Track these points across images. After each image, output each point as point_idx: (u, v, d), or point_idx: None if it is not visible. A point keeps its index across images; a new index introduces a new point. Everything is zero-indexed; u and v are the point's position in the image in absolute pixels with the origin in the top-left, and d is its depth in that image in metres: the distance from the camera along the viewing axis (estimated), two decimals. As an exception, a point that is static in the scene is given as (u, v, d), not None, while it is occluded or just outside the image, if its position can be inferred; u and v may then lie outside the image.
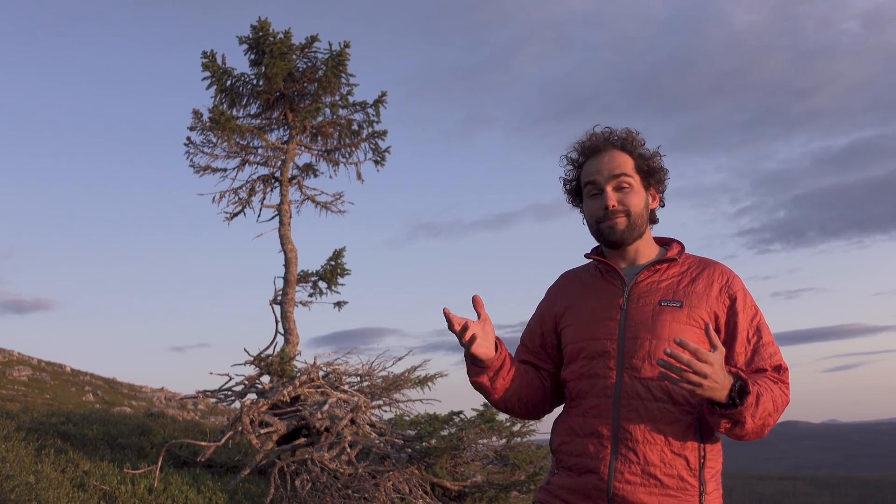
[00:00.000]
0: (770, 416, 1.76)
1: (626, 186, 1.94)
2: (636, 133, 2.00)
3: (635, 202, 1.94)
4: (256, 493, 6.51)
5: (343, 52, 8.80)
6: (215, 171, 9.04)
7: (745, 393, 1.70)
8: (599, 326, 1.91)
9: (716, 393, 1.66)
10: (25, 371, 16.20)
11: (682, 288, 1.91)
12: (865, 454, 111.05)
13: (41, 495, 5.17)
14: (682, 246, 2.03)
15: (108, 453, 7.23)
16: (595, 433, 1.85)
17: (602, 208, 1.94)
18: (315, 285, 9.25)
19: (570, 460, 1.90)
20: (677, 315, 1.86)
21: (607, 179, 1.94)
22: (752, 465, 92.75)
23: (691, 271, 1.95)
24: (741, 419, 1.71)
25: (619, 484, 1.79)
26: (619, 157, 1.96)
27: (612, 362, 1.86)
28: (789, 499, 45.21)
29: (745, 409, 1.69)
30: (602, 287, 1.98)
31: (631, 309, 1.90)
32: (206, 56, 8.73)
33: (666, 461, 1.79)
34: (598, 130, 2.01)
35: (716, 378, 1.63)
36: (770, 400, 1.76)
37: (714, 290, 1.90)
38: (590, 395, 1.88)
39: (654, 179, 1.99)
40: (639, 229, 1.96)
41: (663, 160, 2.02)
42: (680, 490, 1.79)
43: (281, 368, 7.61)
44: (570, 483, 1.88)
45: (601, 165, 1.96)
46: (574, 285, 2.07)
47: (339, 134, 9.33)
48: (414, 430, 7.53)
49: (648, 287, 1.92)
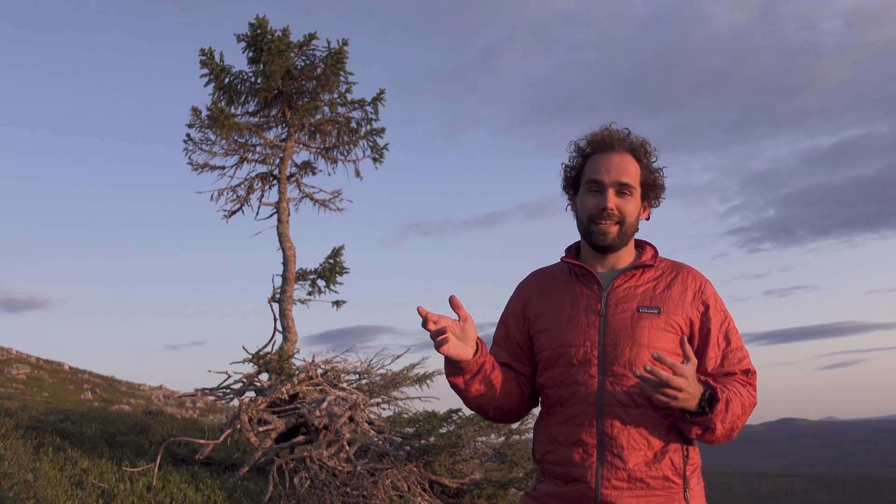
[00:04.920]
0: (738, 420, 1.81)
1: (627, 194, 1.92)
2: (650, 145, 1.97)
3: (631, 211, 1.93)
4: (255, 490, 6.51)
5: (342, 50, 8.79)
6: (214, 169, 9.03)
7: (714, 401, 1.74)
8: (578, 332, 1.89)
9: (688, 403, 1.71)
10: (24, 369, 16.19)
11: (659, 294, 1.91)
12: (863, 451, 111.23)
13: (40, 493, 5.17)
14: (655, 250, 2.02)
15: (106, 451, 7.23)
16: (579, 441, 1.84)
17: (599, 207, 1.90)
18: (314, 283, 9.25)
19: (556, 469, 1.89)
20: (655, 322, 1.87)
21: (612, 182, 1.91)
22: (750, 462, 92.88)
23: (665, 276, 1.95)
24: (711, 426, 1.77)
25: (607, 491, 1.80)
26: (629, 162, 1.93)
27: (593, 370, 1.85)
28: (787, 496, 45.27)
29: (714, 416, 1.75)
30: (578, 291, 1.95)
31: (610, 315, 1.88)
32: (205, 53, 8.72)
33: (651, 465, 1.81)
34: (615, 128, 1.96)
35: (689, 390, 1.69)
36: (738, 404, 1.80)
37: (688, 297, 1.92)
38: (571, 402, 1.87)
39: (653, 194, 1.99)
40: (627, 238, 1.95)
41: (664, 177, 2.00)
42: (665, 489, 1.82)
43: (279, 366, 7.61)
44: (556, 491, 1.88)
45: (610, 165, 1.91)
46: (548, 287, 2.02)
47: (337, 131, 9.32)
48: (412, 427, 7.53)
49: (626, 293, 1.91)
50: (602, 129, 1.97)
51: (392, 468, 6.55)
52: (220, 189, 9.02)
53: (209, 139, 8.85)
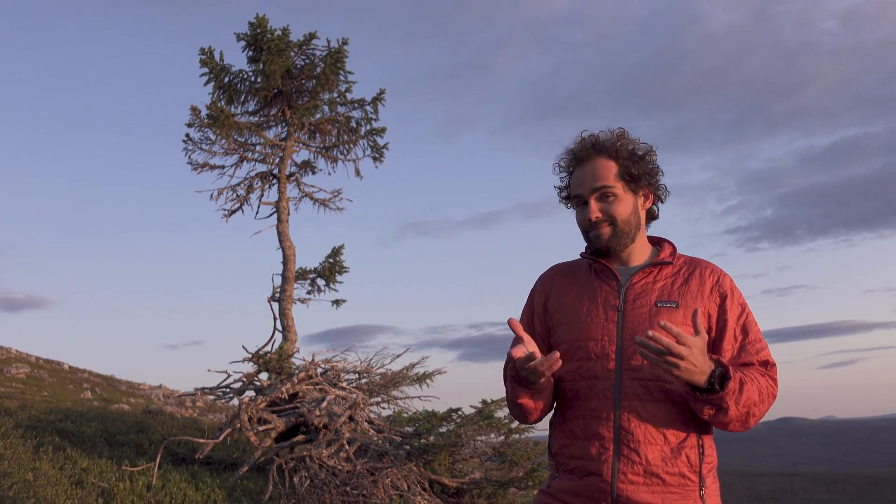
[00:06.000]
0: (755, 406, 1.81)
1: (609, 196, 1.94)
2: (624, 134, 1.97)
3: (620, 210, 1.94)
4: (255, 490, 6.51)
5: (341, 50, 8.79)
6: (213, 168, 9.04)
7: (726, 379, 1.75)
8: (596, 327, 1.91)
9: (694, 376, 1.71)
10: (23, 368, 16.19)
11: (677, 288, 1.93)
12: (863, 450, 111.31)
13: (39, 493, 5.18)
14: (673, 247, 2.04)
15: (106, 450, 7.23)
16: (596, 435, 1.85)
17: (587, 220, 1.96)
18: (313, 283, 9.26)
19: (572, 463, 1.90)
20: (674, 316, 1.88)
21: (590, 192, 1.95)
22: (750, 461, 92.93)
23: (683, 272, 1.97)
24: (724, 405, 1.76)
25: (623, 485, 1.81)
26: (601, 166, 1.95)
27: (611, 364, 1.86)
28: (787, 495, 45.32)
29: (726, 394, 1.74)
30: (597, 287, 1.98)
31: (628, 310, 1.91)
32: (205, 52, 8.71)
33: (667, 460, 1.82)
34: (584, 136, 1.99)
35: (693, 361, 1.68)
36: (756, 390, 1.80)
37: (706, 290, 1.94)
38: (589, 396, 1.88)
39: (642, 182, 1.98)
40: (627, 235, 1.96)
41: (656, 158, 2.01)
42: (681, 487, 1.82)
43: (279, 365, 7.61)
44: (572, 486, 1.89)
45: (584, 177, 1.96)
46: (568, 281, 2.05)
47: (337, 131, 9.33)
48: (412, 426, 7.54)
49: (644, 288, 1.94)
50: (574, 141, 2.01)
51: (392, 467, 6.55)
52: (219, 188, 9.03)
53: (209, 138, 8.85)
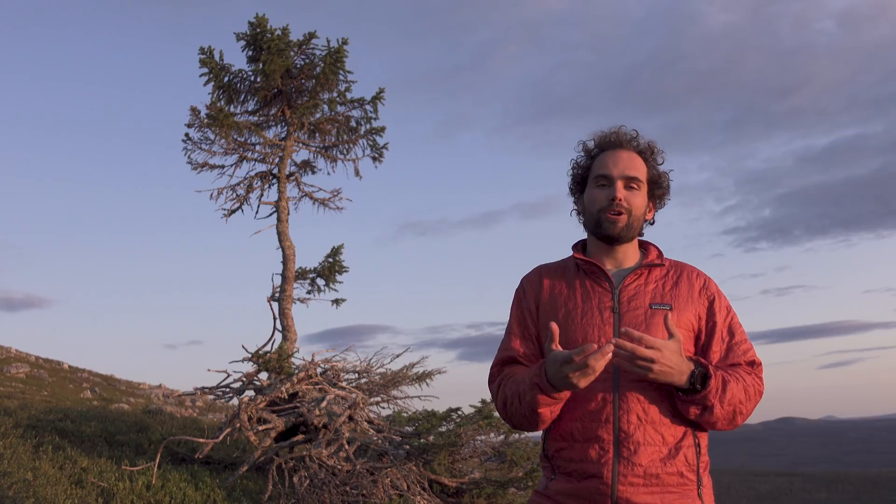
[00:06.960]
0: (742, 404, 1.84)
1: (634, 188, 1.97)
2: (658, 147, 2.04)
3: (638, 204, 1.97)
4: (254, 489, 6.51)
5: (341, 49, 8.78)
6: (213, 168, 9.02)
7: (707, 378, 1.78)
8: (592, 329, 1.90)
9: (672, 378, 1.76)
10: (23, 368, 16.19)
11: (668, 291, 1.96)
12: (862, 450, 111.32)
13: (39, 492, 5.17)
14: (659, 250, 2.07)
15: (106, 450, 7.23)
16: (595, 438, 1.85)
17: (608, 199, 1.95)
18: (313, 282, 9.25)
19: (570, 466, 1.89)
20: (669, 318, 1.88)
21: (620, 176, 1.96)
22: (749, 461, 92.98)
23: (672, 274, 2.00)
24: (708, 404, 1.80)
25: (623, 487, 1.81)
26: (636, 159, 2.00)
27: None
28: (787, 495, 45.34)
29: (709, 393, 1.78)
30: (589, 287, 1.97)
31: (624, 312, 1.91)
32: (204, 52, 8.70)
33: (665, 461, 1.83)
34: (623, 129, 2.03)
35: (666, 363, 1.72)
36: (741, 388, 1.83)
37: (695, 292, 1.97)
38: (587, 399, 1.87)
39: (658, 193, 2.04)
40: (634, 231, 1.98)
41: (670, 179, 2.05)
42: (679, 486, 1.84)
43: (279, 365, 7.61)
44: (570, 488, 1.88)
45: (618, 160, 1.98)
46: (557, 282, 2.03)
47: (336, 130, 9.32)
48: (412, 426, 7.55)
49: (637, 290, 1.95)
50: (610, 130, 2.03)
51: (391, 467, 6.55)
52: (219, 188, 9.02)
53: (208, 138, 8.84)
